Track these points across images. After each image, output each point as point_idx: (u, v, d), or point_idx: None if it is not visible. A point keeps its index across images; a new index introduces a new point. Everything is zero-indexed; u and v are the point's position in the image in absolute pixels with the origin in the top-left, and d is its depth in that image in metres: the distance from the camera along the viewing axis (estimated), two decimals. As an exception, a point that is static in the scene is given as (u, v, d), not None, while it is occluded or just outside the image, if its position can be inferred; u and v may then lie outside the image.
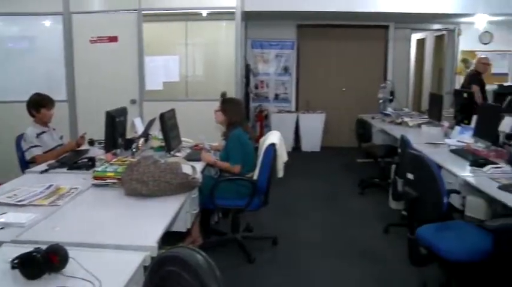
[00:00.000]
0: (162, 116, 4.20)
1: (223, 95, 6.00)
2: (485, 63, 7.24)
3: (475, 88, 6.73)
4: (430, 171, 3.00)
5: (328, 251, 4.37)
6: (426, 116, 6.47)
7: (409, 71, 9.59)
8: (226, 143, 4.18)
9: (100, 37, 6.62)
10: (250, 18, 7.96)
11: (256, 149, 4.23)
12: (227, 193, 4.01)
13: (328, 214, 5.39)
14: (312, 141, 8.87)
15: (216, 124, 4.40)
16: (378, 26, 9.08)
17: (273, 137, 4.13)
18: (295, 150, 8.87)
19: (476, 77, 7.10)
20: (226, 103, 4.30)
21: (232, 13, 6.60)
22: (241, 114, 4.27)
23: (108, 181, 3.22)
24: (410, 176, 3.23)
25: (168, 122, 4.26)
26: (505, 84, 8.61)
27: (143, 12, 6.59)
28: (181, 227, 3.20)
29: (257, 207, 4.11)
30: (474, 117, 5.01)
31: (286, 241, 4.52)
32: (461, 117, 5.67)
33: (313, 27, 8.95)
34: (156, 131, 4.71)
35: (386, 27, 9.12)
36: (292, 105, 9.22)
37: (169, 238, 2.76)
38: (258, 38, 8.98)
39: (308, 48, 9.15)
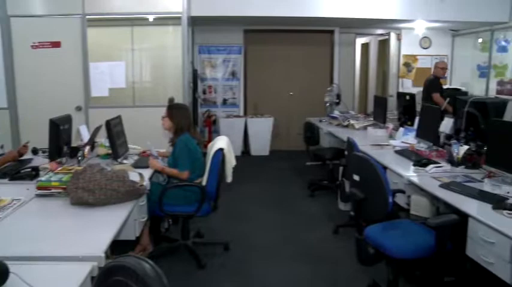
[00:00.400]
0: (108, 123, 4.11)
1: (171, 100, 5.94)
2: (443, 68, 7.54)
3: (436, 96, 6.99)
4: (375, 172, 3.08)
5: (279, 254, 4.40)
6: (371, 119, 6.63)
7: (355, 74, 9.80)
8: (174, 149, 4.14)
9: (42, 42, 6.41)
10: (197, 23, 7.94)
11: (205, 154, 4.21)
12: (176, 199, 3.97)
13: (278, 217, 5.43)
14: (260, 146, 8.92)
15: (164, 130, 4.35)
16: (323, 30, 9.26)
17: (220, 142, 4.12)
18: (245, 154, 8.90)
19: (434, 83, 7.34)
20: (173, 109, 4.26)
21: (179, 18, 6.56)
22: (188, 119, 4.24)
23: (53, 190, 3.11)
24: (356, 177, 3.30)
25: (114, 129, 4.18)
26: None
27: (87, 17, 6.44)
28: (130, 235, 3.13)
29: (207, 213, 4.09)
30: (416, 119, 5.19)
31: (238, 245, 4.52)
32: (404, 119, 5.86)
33: (260, 32, 9.01)
34: (102, 139, 4.61)
35: (332, 31, 9.31)
36: (240, 109, 9.25)
37: (119, 246, 2.70)
38: (205, 43, 8.96)
39: (255, 53, 9.21)
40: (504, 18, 7.72)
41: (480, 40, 8.99)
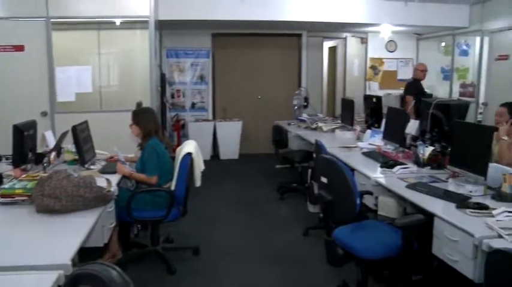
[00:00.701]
0: (74, 129, 4.04)
1: (139, 105, 5.88)
2: (422, 70, 7.61)
3: (409, 98, 7.11)
4: (342, 174, 3.12)
5: (249, 257, 4.40)
6: (339, 121, 6.71)
7: (322, 77, 9.92)
8: (142, 153, 4.10)
9: (4, 46, 6.25)
10: (164, 27, 7.89)
11: (174, 159, 4.18)
12: (144, 204, 3.93)
13: (248, 220, 5.43)
14: (229, 149, 8.91)
15: (134, 136, 4.30)
16: (291, 34, 9.33)
17: (188, 146, 4.10)
18: (214, 158, 8.87)
19: (413, 85, 7.44)
20: (138, 115, 4.21)
21: (146, 22, 6.50)
22: (155, 123, 4.20)
23: (16, 198, 3.04)
24: (324, 179, 3.33)
25: (81, 135, 4.11)
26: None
27: (52, 20, 6.31)
28: (98, 242, 3.08)
29: (176, 217, 4.06)
30: (383, 121, 5.27)
31: (208, 249, 4.50)
32: (371, 121, 5.95)
33: (228, 35, 9.02)
34: (69, 144, 4.52)
35: (300, 35, 9.39)
36: (209, 113, 9.22)
37: (87, 254, 2.66)
38: (173, 47, 8.91)
39: (224, 56, 9.20)
40: (464, 24, 7.95)
41: (443, 44, 9.23)
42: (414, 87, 7.41)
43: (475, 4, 7.71)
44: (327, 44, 10.03)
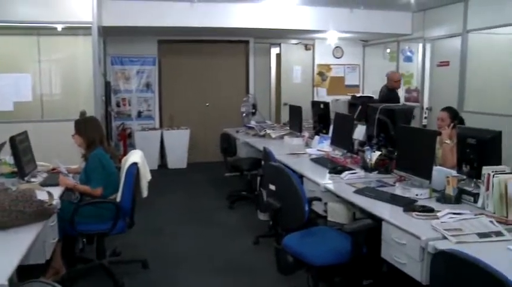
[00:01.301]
0: (12, 140, 3.89)
1: (83, 114, 5.73)
2: (397, 81, 7.67)
3: None
4: (290, 181, 3.14)
5: (200, 268, 4.36)
6: (288, 128, 6.77)
7: (270, 84, 10.00)
8: (86, 164, 3.99)
9: None
10: (108, 33, 7.74)
11: (120, 169, 4.09)
12: (89, 217, 3.82)
13: (198, 230, 5.39)
14: (177, 158, 8.82)
15: (78, 147, 4.18)
16: (238, 41, 9.37)
17: (134, 156, 4.03)
18: (161, 168, 8.76)
19: (390, 97, 7.41)
20: (80, 124, 4.10)
21: (89, 28, 6.34)
22: (98, 132, 4.10)
23: (-52, 214, 2.88)
24: (272, 187, 3.35)
25: (20, 146, 3.95)
26: (357, 95, 9.35)
27: (-15, 25, 6.07)
28: (39, 258, 2.97)
29: (122, 230, 3.97)
30: (331, 127, 5.36)
31: (157, 262, 4.42)
32: (319, 128, 6.04)
33: (174, 42, 8.95)
34: (6, 156, 4.34)
35: (247, 42, 9.44)
36: (156, 122, 9.10)
37: (28, 272, 2.55)
38: (118, 54, 8.75)
39: (170, 63, 9.13)
40: (408, 31, 8.24)
41: (388, 50, 9.52)
42: (392, 98, 7.41)
43: (417, 12, 8.00)
44: (275, 51, 10.12)
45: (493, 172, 2.96)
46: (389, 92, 7.62)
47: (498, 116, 6.04)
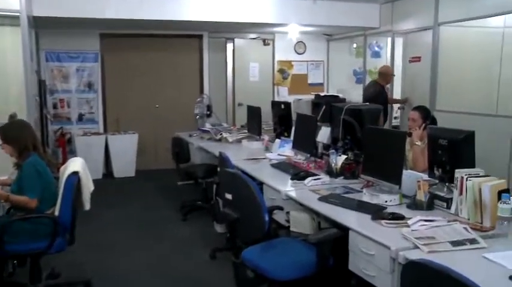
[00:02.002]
0: None
1: (12, 117, 5.57)
2: (390, 75, 7.70)
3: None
4: (248, 189, 3.14)
5: (151, 286, 4.32)
6: (246, 131, 6.78)
7: (227, 83, 9.97)
8: (19, 174, 3.87)
9: None
10: (41, 25, 7.55)
11: (58, 179, 3.99)
12: (21, 235, 3.69)
13: (149, 245, 5.33)
14: (125, 166, 8.71)
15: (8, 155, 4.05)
16: (191, 35, 9.34)
17: (74, 164, 3.94)
18: (107, 177, 8.63)
19: (383, 94, 7.47)
20: (7, 131, 3.97)
21: (17, 17, 6.11)
22: (30, 136, 3.98)
23: None
24: (228, 196, 3.34)
25: None
26: (321, 94, 9.43)
27: None
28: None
29: (62, 248, 3.85)
30: (293, 129, 5.40)
31: (103, 282, 4.34)
32: (280, 130, 6.07)
33: (119, 36, 8.84)
34: None
35: (200, 36, 9.42)
36: (100, 126, 8.96)
37: None
38: (54, 49, 8.56)
39: (115, 60, 9.00)
40: (375, 24, 8.39)
41: (354, 45, 9.69)
42: (385, 96, 7.44)
43: (385, 3, 8.16)
44: (231, 47, 10.10)
45: (466, 175, 3.02)
46: (382, 89, 7.64)
47: (471, 115, 6.22)
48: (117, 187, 8.00)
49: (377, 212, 3.07)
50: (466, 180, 3.00)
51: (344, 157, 4.17)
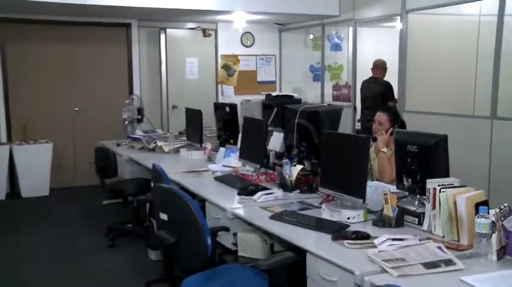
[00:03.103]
0: None
1: None
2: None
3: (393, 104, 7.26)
4: (187, 207, 3.14)
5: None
6: (185, 138, 6.77)
7: (162, 81, 9.90)
8: None
9: None
10: None
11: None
12: None
13: (68, 280, 5.25)
14: (36, 183, 8.54)
15: None
16: (116, 23, 9.28)
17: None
18: (12, 197, 8.44)
19: (390, 88, 7.62)
20: None
21: None
22: None
23: None
24: (164, 216, 3.33)
25: None
26: (273, 94, 9.52)
27: None
28: None
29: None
30: (240, 136, 5.43)
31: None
32: (225, 137, 6.09)
33: (25, 23, 8.66)
34: None
35: (128, 25, 9.35)
36: (1, 134, 8.77)
37: None
38: None
39: (20, 53, 8.84)
40: (334, 12, 8.54)
41: (311, 36, 9.83)
42: (392, 89, 7.65)
43: (346, -12, 8.33)
44: (170, 38, 10.00)
45: (439, 185, 3.10)
46: (388, 82, 7.80)
47: (445, 116, 6.43)
48: (25, 210, 7.81)
49: (338, 231, 3.12)
50: (439, 191, 3.07)
51: (299, 167, 4.23)
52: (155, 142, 6.68)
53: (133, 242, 6.15)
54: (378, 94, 7.69)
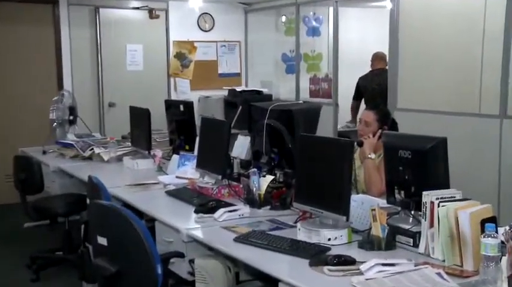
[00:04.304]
0: None
1: None
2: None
3: None
4: (132, 229, 3.14)
5: None
6: (129, 144, 6.74)
7: (99, 73, 9.83)
8: None
9: None
10: None
11: None
12: None
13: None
14: None
15: None
16: (39, 0, 9.20)
17: None
18: None
19: None
20: None
21: None
22: None
23: None
24: (102, 240, 3.32)
25: None
26: (238, 89, 9.52)
27: None
28: None
29: None
30: (197, 141, 5.44)
31: None
32: (179, 142, 6.09)
33: None
34: None
35: (55, 2, 9.27)
36: None
37: None
38: None
39: None
40: (311, -13, 8.63)
41: (283, 19, 9.86)
42: None
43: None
44: (107, 19, 9.93)
45: (437, 198, 3.13)
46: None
47: (444, 114, 6.50)
48: None
49: (317, 256, 3.15)
50: (438, 206, 3.10)
51: (270, 178, 4.25)
52: (92, 149, 6.64)
53: (64, 274, 6.12)
54: (381, 85, 7.84)
